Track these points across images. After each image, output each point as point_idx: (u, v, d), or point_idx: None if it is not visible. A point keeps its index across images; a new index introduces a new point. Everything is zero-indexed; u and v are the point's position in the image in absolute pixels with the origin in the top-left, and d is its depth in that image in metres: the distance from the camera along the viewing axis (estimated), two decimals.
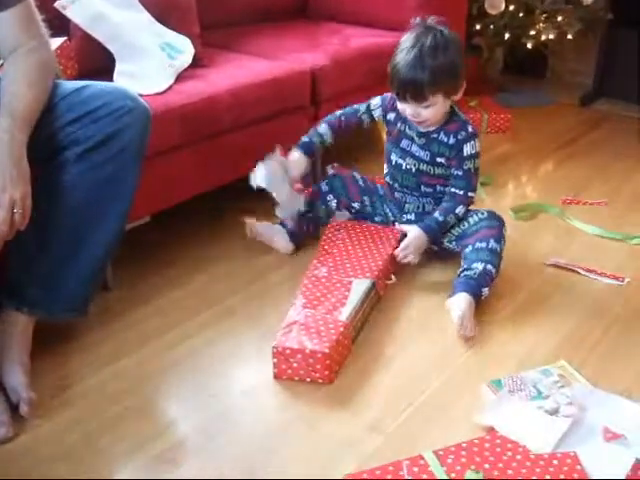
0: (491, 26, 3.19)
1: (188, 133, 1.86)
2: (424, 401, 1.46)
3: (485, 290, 1.72)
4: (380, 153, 2.08)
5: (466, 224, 1.86)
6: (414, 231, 1.84)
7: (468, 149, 1.83)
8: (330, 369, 1.49)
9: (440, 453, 1.25)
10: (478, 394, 1.46)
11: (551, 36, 3.16)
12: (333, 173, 2.06)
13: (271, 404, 1.45)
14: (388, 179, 1.99)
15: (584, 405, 1.38)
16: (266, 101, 2.07)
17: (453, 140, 1.83)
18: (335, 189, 2.01)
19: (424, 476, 1.21)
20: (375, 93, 1.97)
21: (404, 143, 1.90)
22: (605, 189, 2.48)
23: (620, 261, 2.01)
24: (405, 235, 1.87)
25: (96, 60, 1.88)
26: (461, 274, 1.75)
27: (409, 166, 1.90)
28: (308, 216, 2.00)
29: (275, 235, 1.98)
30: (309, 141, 1.95)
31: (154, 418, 1.42)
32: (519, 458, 1.25)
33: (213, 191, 2.04)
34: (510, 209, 2.25)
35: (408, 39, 1.77)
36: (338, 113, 1.98)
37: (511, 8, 3.12)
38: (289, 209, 1.94)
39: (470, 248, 1.79)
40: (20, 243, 1.34)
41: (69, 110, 1.43)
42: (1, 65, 1.44)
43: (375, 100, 1.95)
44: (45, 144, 1.41)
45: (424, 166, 1.88)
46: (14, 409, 1.35)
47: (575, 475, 1.21)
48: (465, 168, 1.83)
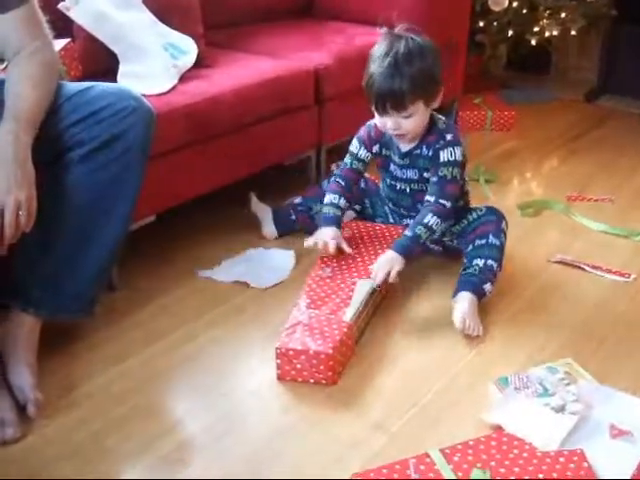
0: (495, 23, 3.19)
1: (192, 133, 1.86)
2: (429, 401, 1.45)
3: (488, 286, 1.71)
4: None
5: (465, 222, 1.85)
6: (385, 254, 1.73)
7: (445, 155, 1.75)
8: (334, 370, 1.48)
9: (447, 451, 1.25)
10: (484, 393, 1.46)
11: (555, 32, 3.15)
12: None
13: (275, 405, 1.45)
14: (385, 200, 1.97)
15: (590, 402, 1.38)
16: (270, 100, 2.07)
17: (432, 151, 1.77)
18: None
19: (431, 474, 1.21)
20: None
21: (392, 167, 1.87)
22: (610, 185, 2.47)
23: (626, 257, 2.00)
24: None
25: (100, 61, 1.88)
26: (463, 273, 1.74)
27: (403, 187, 1.88)
28: (311, 214, 2.01)
29: (264, 220, 2.05)
30: (333, 215, 1.84)
31: (160, 418, 1.42)
32: (526, 456, 1.24)
33: (219, 190, 2.05)
34: (517, 206, 2.25)
35: (379, 48, 1.70)
36: (332, 179, 1.90)
37: (515, 5, 3.12)
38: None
39: (471, 247, 1.79)
40: (25, 244, 1.34)
41: (73, 111, 1.43)
42: (5, 67, 1.44)
43: (353, 145, 1.87)
44: (50, 145, 1.41)
45: (415, 185, 1.85)
46: (21, 410, 1.36)
47: (582, 473, 1.21)
48: (440, 175, 1.75)
